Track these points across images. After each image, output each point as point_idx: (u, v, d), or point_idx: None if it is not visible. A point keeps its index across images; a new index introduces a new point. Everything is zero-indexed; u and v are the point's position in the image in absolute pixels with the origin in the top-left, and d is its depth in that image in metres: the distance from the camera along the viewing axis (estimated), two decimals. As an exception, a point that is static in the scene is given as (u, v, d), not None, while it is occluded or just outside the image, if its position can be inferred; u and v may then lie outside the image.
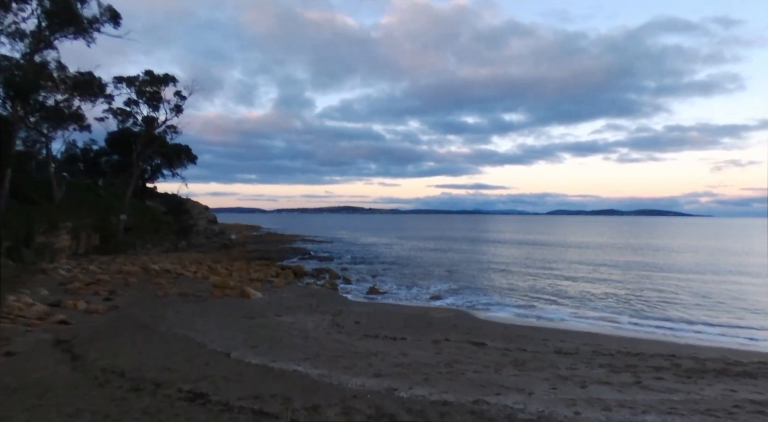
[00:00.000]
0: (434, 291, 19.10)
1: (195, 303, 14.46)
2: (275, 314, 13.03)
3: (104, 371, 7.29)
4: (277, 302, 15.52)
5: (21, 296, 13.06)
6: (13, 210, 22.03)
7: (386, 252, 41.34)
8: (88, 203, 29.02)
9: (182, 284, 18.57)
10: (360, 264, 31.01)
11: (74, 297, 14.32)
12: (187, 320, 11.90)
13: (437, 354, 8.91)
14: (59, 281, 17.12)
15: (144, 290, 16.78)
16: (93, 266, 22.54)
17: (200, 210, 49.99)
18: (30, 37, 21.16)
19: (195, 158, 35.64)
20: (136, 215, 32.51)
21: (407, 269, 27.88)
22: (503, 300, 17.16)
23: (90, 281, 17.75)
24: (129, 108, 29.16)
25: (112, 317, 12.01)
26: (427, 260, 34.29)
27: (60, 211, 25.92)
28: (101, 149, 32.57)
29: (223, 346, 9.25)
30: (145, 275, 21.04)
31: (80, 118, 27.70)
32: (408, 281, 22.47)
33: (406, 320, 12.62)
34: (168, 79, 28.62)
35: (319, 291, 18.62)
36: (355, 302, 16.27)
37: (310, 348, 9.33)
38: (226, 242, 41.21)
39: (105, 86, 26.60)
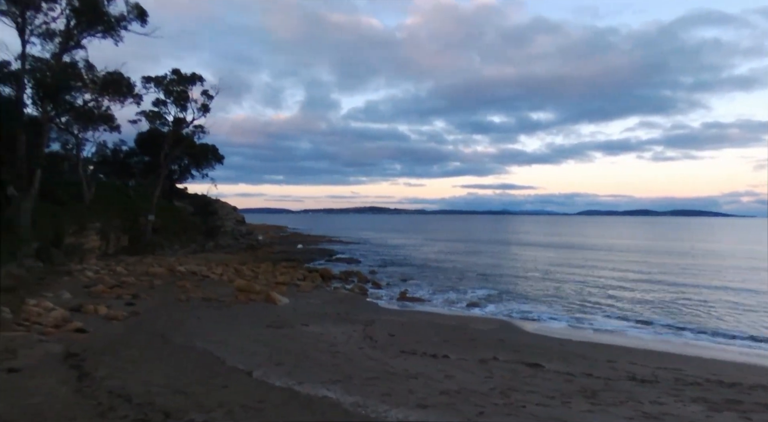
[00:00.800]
0: (472, 298, 17.78)
1: (218, 309, 13.67)
2: (302, 324, 12.05)
3: (110, 394, 6.41)
4: (304, 309, 14.58)
5: (42, 301, 12.55)
6: (43, 211, 21.97)
7: (415, 254, 40.12)
8: (117, 204, 29.03)
9: (206, 287, 17.92)
10: (389, 267, 29.91)
11: (96, 301, 13.77)
12: (208, 329, 11.06)
13: (488, 377, 7.67)
14: (84, 284, 16.71)
15: (168, 293, 16.16)
16: (120, 267, 22.27)
17: (228, 211, 50.01)
18: (59, 37, 21.01)
19: (222, 157, 35.42)
20: (164, 216, 32.44)
21: (439, 273, 26.59)
22: (550, 309, 15.71)
23: (114, 283, 17.30)
24: (157, 108, 29.01)
25: (130, 325, 11.30)
26: (458, 262, 32.87)
27: (89, 212, 25.90)
28: (131, 149, 32.67)
29: (245, 362, 8.30)
30: (170, 277, 20.56)
31: (110, 118, 27.68)
32: (441, 286, 21.21)
33: (445, 332, 11.41)
34: (195, 78, 28.32)
35: (348, 297, 17.60)
36: (386, 310, 15.16)
37: (341, 367, 8.25)
38: (253, 242, 40.91)
39: (133, 86, 26.40)
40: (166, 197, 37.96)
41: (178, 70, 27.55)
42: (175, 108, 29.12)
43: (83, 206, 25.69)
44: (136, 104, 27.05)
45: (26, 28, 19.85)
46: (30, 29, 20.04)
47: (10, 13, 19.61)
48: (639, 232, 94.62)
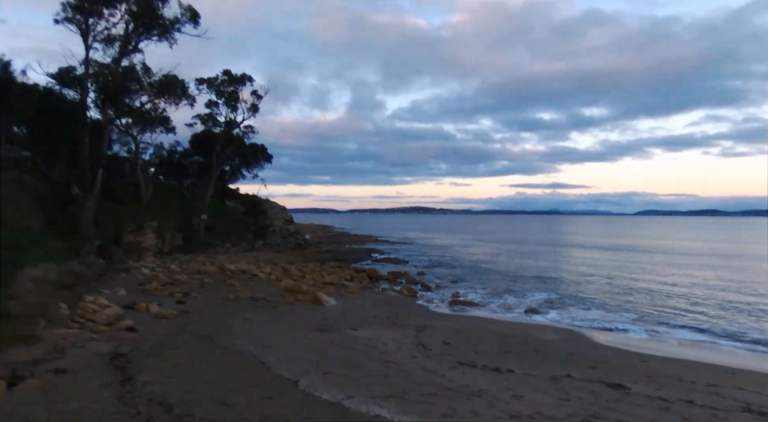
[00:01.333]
0: (531, 303, 16.49)
1: (265, 310, 13.37)
2: (350, 328, 11.43)
3: (150, 402, 6.02)
4: (352, 311, 13.99)
5: (98, 298, 12.77)
6: (104, 210, 22.90)
7: (464, 255, 38.79)
8: (172, 204, 30.01)
9: (255, 286, 17.81)
10: (437, 268, 28.91)
11: (148, 299, 13.89)
12: (254, 331, 10.69)
13: (563, 400, 6.63)
14: (139, 281, 17.08)
15: (217, 292, 16.14)
16: (174, 265, 22.82)
17: (277, 211, 50.88)
18: (119, 42, 21.79)
19: (270, 156, 35.88)
20: (215, 216, 33.25)
21: (491, 275, 25.28)
22: (620, 317, 14.17)
23: (168, 281, 17.58)
24: (210, 109, 29.70)
25: (179, 324, 11.15)
26: (511, 264, 31.28)
27: (147, 211, 26.86)
28: (185, 150, 33.82)
29: (291, 370, 7.74)
30: (220, 275, 20.75)
31: (166, 120, 28.61)
32: (495, 290, 19.98)
33: (506, 342, 10.37)
34: (245, 78, 28.75)
35: (397, 299, 16.86)
36: (438, 315, 14.26)
37: (394, 379, 7.50)
38: (300, 242, 41.22)
39: (187, 88, 27.10)
40: (218, 197, 39.01)
41: (229, 70, 28.13)
42: (227, 109, 29.74)
43: (141, 205, 26.67)
44: (189, 106, 27.78)
45: (89, 34, 20.69)
46: (93, 35, 20.87)
47: (75, 20, 20.50)
48: (708, 233, 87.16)
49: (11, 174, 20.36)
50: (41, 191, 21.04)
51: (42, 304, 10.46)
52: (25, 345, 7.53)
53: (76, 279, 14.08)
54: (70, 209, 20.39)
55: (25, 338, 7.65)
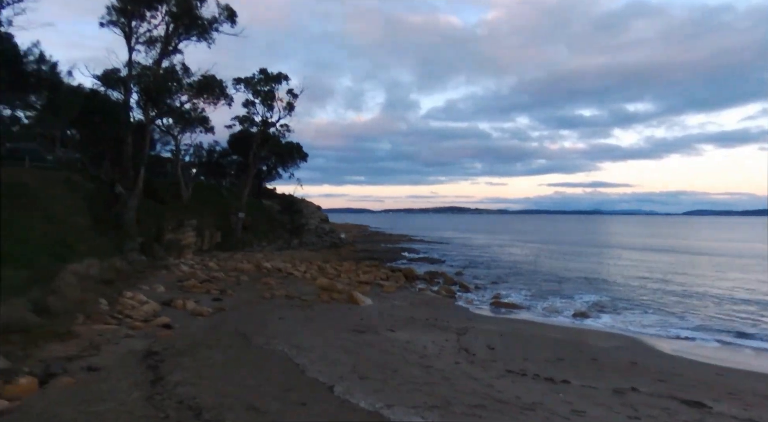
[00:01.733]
0: (579, 306, 15.40)
1: (300, 309, 13.06)
2: (387, 329, 10.91)
3: (180, 405, 5.70)
4: (389, 311, 13.46)
5: (137, 294, 12.87)
6: (146, 208, 23.47)
7: (502, 255, 37.51)
8: (211, 203, 30.55)
9: (290, 285, 17.62)
10: (475, 268, 27.96)
11: (186, 296, 13.91)
12: (289, 330, 10.35)
13: (632, 418, 5.83)
14: (178, 278, 17.26)
15: (253, 290, 16.04)
16: (212, 262, 23.10)
17: (313, 210, 51.16)
18: (160, 43, 22.23)
19: (305, 155, 35.99)
20: (253, 214, 33.64)
21: (533, 276, 24.12)
22: (683, 323, 12.94)
23: (205, 278, 17.68)
24: (247, 109, 30.06)
25: (214, 322, 10.99)
26: (554, 266, 29.86)
27: (187, 210, 27.41)
28: (224, 149, 34.42)
29: (326, 374, 7.28)
30: (256, 273, 20.76)
31: (205, 120, 29.12)
32: (539, 292, 18.93)
33: (557, 349, 9.54)
34: (280, 77, 28.88)
35: (435, 300, 16.20)
36: (480, 317, 13.50)
37: (437, 388, 6.89)
38: (335, 241, 41.18)
39: (225, 88, 27.45)
40: (255, 196, 39.54)
41: (265, 69, 28.31)
42: (263, 108, 29.98)
43: (181, 204, 27.23)
44: (227, 105, 28.15)
45: (132, 36, 21.19)
46: (135, 37, 21.37)
47: (119, 23, 21.04)
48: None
49: (62, 174, 21.17)
50: (88, 190, 21.77)
51: (81, 300, 10.54)
52: (60, 341, 7.46)
53: (117, 275, 14.32)
54: (115, 207, 20.95)
55: (61, 334, 7.58)
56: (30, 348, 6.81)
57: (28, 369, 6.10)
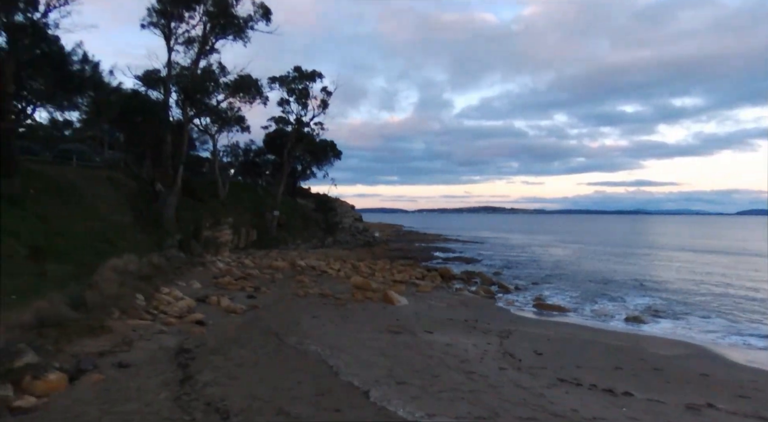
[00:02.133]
0: (632, 310, 14.28)
1: (334, 307, 12.70)
2: (425, 330, 10.34)
3: (207, 407, 5.38)
4: (425, 312, 12.89)
5: (173, 290, 12.91)
6: (184, 206, 23.90)
7: (542, 255, 36.06)
8: (247, 201, 30.91)
9: (324, 283, 17.35)
10: (514, 269, 26.88)
11: (220, 293, 13.87)
12: (323, 330, 9.99)
13: (714, 441, 5.00)
14: (214, 275, 17.34)
15: (287, 287, 15.86)
16: (248, 260, 23.23)
17: (346, 209, 51.24)
18: (197, 43, 22.55)
19: (340, 153, 35.90)
20: (287, 213, 33.83)
21: (577, 278, 22.86)
22: (753, 330, 11.65)
23: (241, 275, 17.69)
24: (281, 107, 30.21)
25: (247, 319, 10.78)
26: (598, 267, 28.32)
27: (224, 208, 27.80)
28: (259, 148, 34.83)
29: (361, 377, 6.83)
30: (291, 271, 20.66)
31: (241, 119, 29.46)
32: (584, 294, 17.82)
33: (612, 356, 8.70)
34: (314, 75, 28.85)
35: (474, 301, 15.48)
36: (523, 320, 12.71)
37: (482, 396, 6.28)
38: (369, 239, 40.93)
39: (261, 87, 27.63)
40: (290, 194, 39.84)
41: (299, 67, 28.34)
42: (297, 106, 30.06)
43: (218, 202, 27.63)
44: (263, 104, 28.30)
45: (171, 37, 21.56)
46: (174, 38, 21.74)
47: (159, 24, 21.46)
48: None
49: (104, 172, 21.85)
50: (130, 188, 22.37)
51: (118, 295, 10.57)
52: (94, 336, 7.36)
53: (154, 271, 14.46)
54: (154, 205, 21.39)
55: (94, 328, 7.48)
56: (63, 343, 6.71)
57: (59, 364, 5.96)
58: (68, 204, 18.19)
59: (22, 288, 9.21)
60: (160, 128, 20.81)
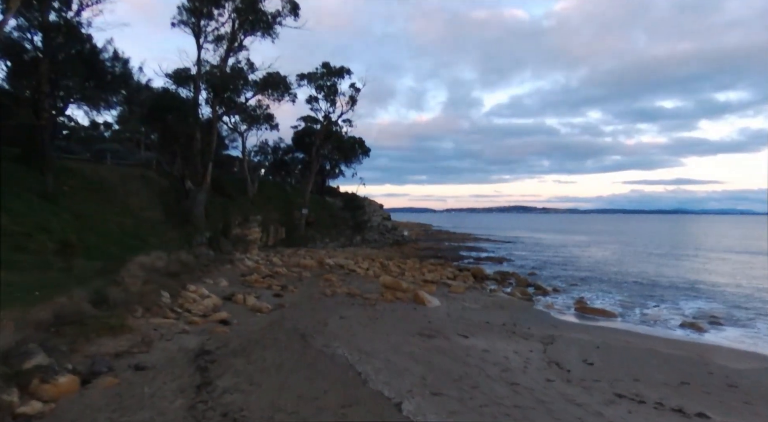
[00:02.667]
0: (688, 315, 13.05)
1: (362, 308, 12.14)
2: (460, 334, 9.62)
3: (224, 418, 4.87)
4: (459, 313, 12.15)
5: (199, 288, 12.66)
6: (213, 204, 23.95)
7: (579, 256, 34.46)
8: (276, 199, 30.87)
9: (352, 282, 16.85)
10: (550, 270, 25.64)
11: (247, 291, 13.56)
12: (350, 331, 9.43)
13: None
14: (242, 272, 17.12)
15: (314, 286, 15.44)
16: (276, 258, 23.03)
17: (375, 208, 50.78)
18: (226, 41, 22.50)
19: (368, 150, 35.41)
20: (316, 211, 33.63)
21: (620, 280, 21.49)
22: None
23: (268, 273, 17.42)
24: (310, 105, 29.98)
25: (272, 318, 10.35)
26: (642, 268, 26.67)
27: (253, 206, 27.80)
28: (288, 146, 34.80)
29: (392, 387, 6.21)
30: (319, 269, 20.29)
31: (270, 117, 29.40)
32: (629, 296, 16.61)
33: (675, 368, 7.73)
34: (343, 71, 28.44)
35: (510, 302, 14.59)
36: (566, 324, 11.77)
37: (530, 414, 5.54)
38: (398, 238, 40.30)
39: (290, 85, 27.46)
40: (318, 193, 39.70)
41: (328, 63, 28.02)
42: (326, 104, 29.75)
43: (247, 200, 27.64)
44: (291, 102, 28.13)
45: (201, 35, 21.57)
46: (204, 35, 21.74)
47: (189, 23, 21.50)
48: None
49: (138, 171, 22.13)
50: (162, 186, 22.58)
51: (143, 292, 10.35)
52: (112, 336, 7.03)
53: (182, 268, 14.30)
54: (184, 202, 21.47)
55: (114, 327, 7.17)
56: (79, 343, 6.39)
57: (72, 366, 5.61)
58: (101, 201, 18.42)
59: (48, 284, 9.11)
60: (189, 126, 20.83)
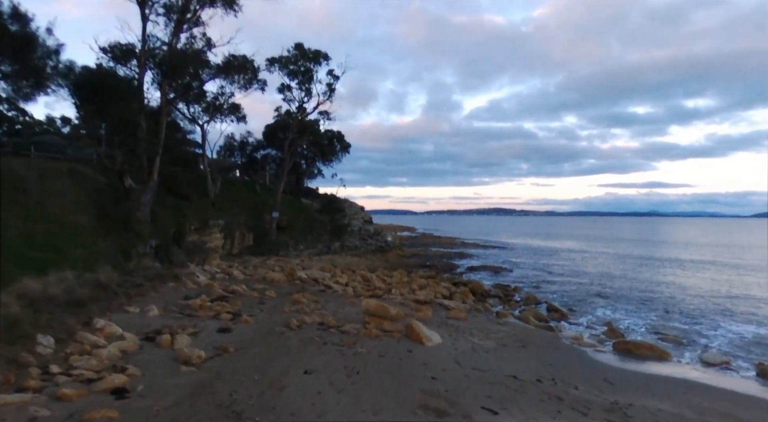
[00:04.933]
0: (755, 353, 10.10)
1: (338, 351, 8.79)
2: (485, 408, 6.37)
3: None
4: (471, 358, 8.93)
5: (107, 325, 9.07)
6: (164, 206, 20.21)
7: (577, 264, 31.81)
8: (243, 201, 27.18)
9: (327, 304, 13.48)
10: (552, 282, 22.75)
11: (183, 324, 10.08)
12: (317, 402, 6.10)
13: None
14: (185, 293, 13.53)
15: (278, 313, 12.01)
16: (237, 270, 19.45)
17: (356, 210, 47.36)
18: (177, 12, 18.83)
19: (348, 145, 32.00)
20: (290, 214, 30.05)
21: (636, 294, 18.71)
22: None
23: (221, 294, 13.88)
24: (282, 94, 26.42)
25: (202, 379, 6.91)
26: (654, 279, 24.04)
27: (214, 208, 24.09)
28: (259, 142, 31.09)
29: None
30: (287, 285, 16.85)
31: (236, 108, 25.76)
32: (658, 318, 13.76)
33: None
34: (319, 56, 24.97)
35: (528, 334, 11.46)
36: (619, 375, 8.66)
37: None
38: (382, 244, 36.99)
39: (258, 69, 23.90)
40: (293, 193, 36.07)
41: (301, 44, 24.50)
42: (300, 93, 26.24)
43: (208, 202, 23.92)
44: (260, 90, 24.55)
45: (146, 3, 17.87)
46: (150, 4, 18.04)
47: (131, -13, 17.75)
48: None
49: (64, 165, 18.23)
50: (97, 184, 18.71)
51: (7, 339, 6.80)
52: None
53: (95, 293, 10.66)
54: (123, 203, 17.68)
55: None
56: None
57: None
58: (7, 202, 14.57)
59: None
60: (131, 111, 17.11)
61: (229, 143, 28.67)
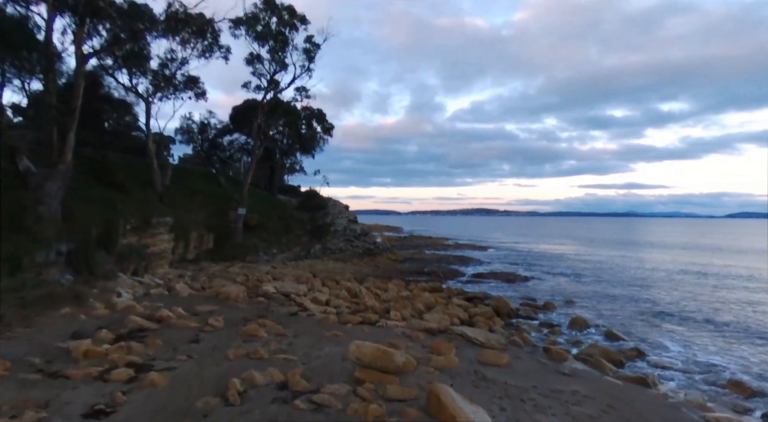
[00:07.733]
0: None
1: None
2: None
3: None
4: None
5: None
6: (88, 198, 15.44)
7: (592, 269, 27.94)
8: (201, 194, 22.42)
9: (298, 339, 9.02)
10: (584, 294, 18.65)
11: (26, 398, 5.58)
12: None
13: None
14: (78, 328, 8.88)
15: (215, 360, 7.49)
16: (182, 283, 14.81)
17: (340, 209, 42.79)
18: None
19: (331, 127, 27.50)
20: (261, 211, 25.38)
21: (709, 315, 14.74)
22: None
23: (139, 324, 9.31)
24: (251, 66, 21.78)
25: None
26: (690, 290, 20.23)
27: (161, 203, 19.32)
28: (225, 125, 26.30)
29: None
30: (245, 306, 12.34)
31: (194, 81, 21.04)
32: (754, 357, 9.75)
33: None
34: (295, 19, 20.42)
35: (616, 393, 7.20)
36: None
37: None
38: (370, 246, 32.54)
39: (219, 32, 19.28)
40: (268, 188, 31.38)
41: (272, 0, 19.91)
42: (272, 65, 21.64)
43: (153, 194, 19.15)
44: (223, 58, 19.91)
45: None
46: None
47: None
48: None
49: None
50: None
51: None
52: None
53: None
54: (20, 194, 12.87)
55: None
56: None
57: None
58: None
59: None
60: (29, 64, 12.35)
61: (187, 125, 23.87)
